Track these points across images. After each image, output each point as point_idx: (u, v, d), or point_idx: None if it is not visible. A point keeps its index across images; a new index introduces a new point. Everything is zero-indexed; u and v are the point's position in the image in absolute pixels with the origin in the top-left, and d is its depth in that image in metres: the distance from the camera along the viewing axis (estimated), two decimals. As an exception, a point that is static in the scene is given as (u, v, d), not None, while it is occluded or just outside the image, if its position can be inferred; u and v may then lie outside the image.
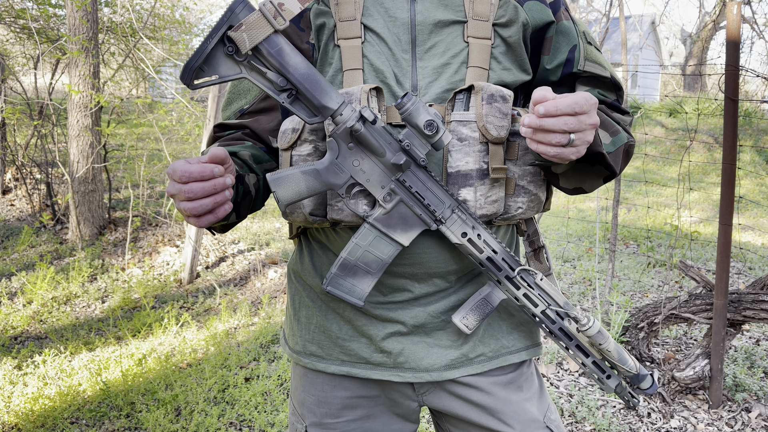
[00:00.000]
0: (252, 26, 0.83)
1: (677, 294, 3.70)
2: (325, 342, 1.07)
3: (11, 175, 6.49)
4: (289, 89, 0.88)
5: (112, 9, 6.00)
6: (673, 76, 19.23)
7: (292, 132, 0.98)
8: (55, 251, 4.95)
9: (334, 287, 0.94)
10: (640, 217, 6.56)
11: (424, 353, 1.02)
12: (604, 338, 0.96)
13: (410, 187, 0.92)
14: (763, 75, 2.96)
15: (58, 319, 3.72)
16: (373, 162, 0.91)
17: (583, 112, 0.83)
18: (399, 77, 0.98)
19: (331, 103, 0.87)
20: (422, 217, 0.93)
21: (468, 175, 0.94)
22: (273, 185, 0.90)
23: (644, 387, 1.02)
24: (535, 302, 0.97)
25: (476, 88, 0.93)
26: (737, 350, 3.15)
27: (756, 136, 10.34)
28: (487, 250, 0.94)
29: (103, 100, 4.82)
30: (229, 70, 0.86)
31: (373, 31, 0.98)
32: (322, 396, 1.09)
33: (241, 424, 2.57)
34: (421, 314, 1.02)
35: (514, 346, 1.07)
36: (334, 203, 0.96)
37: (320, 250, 1.06)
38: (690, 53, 17.60)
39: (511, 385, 1.07)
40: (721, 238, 2.54)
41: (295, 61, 0.86)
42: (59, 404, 2.65)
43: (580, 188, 1.04)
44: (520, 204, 0.99)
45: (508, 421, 1.05)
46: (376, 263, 0.94)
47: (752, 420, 2.52)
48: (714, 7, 13.97)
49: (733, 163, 2.50)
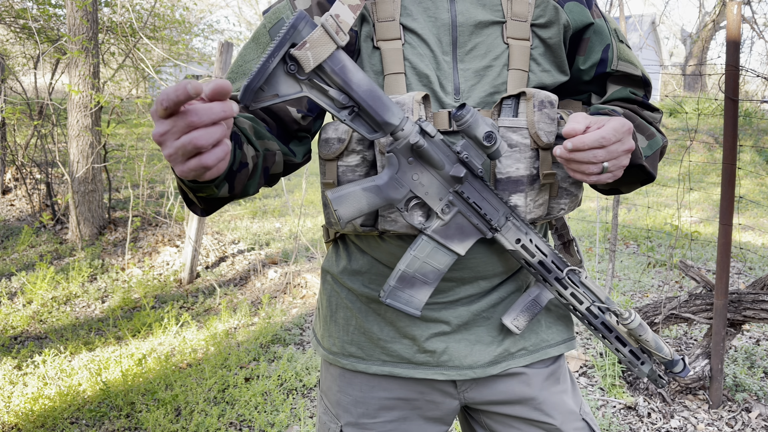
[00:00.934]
0: (316, 44, 0.79)
1: (677, 294, 3.70)
2: (366, 343, 1.07)
3: (11, 175, 6.49)
4: (351, 106, 0.85)
5: (112, 9, 5.99)
6: (674, 76, 19.24)
7: (338, 142, 0.95)
8: (55, 251, 4.95)
9: (393, 300, 0.94)
10: (640, 217, 6.56)
11: (467, 351, 1.04)
12: (644, 330, 1.00)
13: (468, 198, 0.91)
14: (763, 75, 2.96)
15: (58, 319, 3.72)
16: (431, 175, 0.90)
17: (612, 143, 0.85)
18: (442, 80, 0.96)
19: (394, 120, 0.85)
20: (479, 227, 0.94)
21: (519, 181, 0.94)
22: (335, 203, 0.88)
23: (677, 370, 1.07)
24: (581, 300, 1.00)
25: (528, 94, 0.93)
26: (737, 350, 3.15)
27: (756, 136, 10.34)
28: (539, 254, 0.96)
29: (103, 100, 4.82)
30: (290, 89, 0.81)
31: (413, 32, 0.96)
32: (359, 396, 1.09)
33: (241, 424, 2.57)
34: (465, 313, 1.03)
35: (553, 339, 1.10)
36: (387, 215, 0.95)
37: (359, 254, 1.07)
38: (690, 53, 17.61)
39: (551, 377, 1.09)
40: (721, 238, 2.54)
41: (357, 78, 0.83)
42: (59, 404, 2.65)
43: (616, 189, 1.05)
44: (563, 205, 1.00)
45: (550, 412, 1.07)
46: (433, 273, 0.94)
47: (752, 420, 2.52)
48: (714, 7, 13.97)
49: (733, 163, 2.50)
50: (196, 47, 9.75)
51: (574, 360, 3.07)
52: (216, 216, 6.18)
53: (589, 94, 1.09)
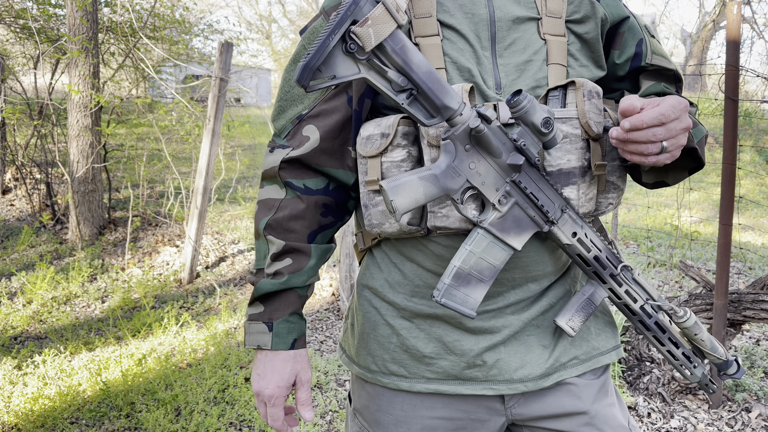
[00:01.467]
0: (378, 21, 0.76)
1: (677, 294, 3.70)
2: (408, 361, 1.02)
3: (11, 175, 6.49)
4: (410, 89, 0.82)
5: (112, 9, 5.99)
6: (673, 76, 19.18)
7: (382, 137, 0.92)
8: (55, 251, 4.95)
9: (448, 299, 0.88)
10: (640, 217, 6.56)
11: (518, 363, 0.99)
12: (700, 329, 0.96)
13: (525, 188, 0.88)
14: (763, 75, 2.96)
15: (58, 319, 3.71)
16: (489, 164, 0.86)
17: (671, 120, 0.82)
18: (483, 75, 0.94)
19: (453, 103, 0.82)
20: (535, 219, 0.90)
21: (571, 173, 0.91)
22: (391, 194, 0.83)
23: (731, 372, 1.03)
24: (635, 297, 0.96)
25: (577, 83, 0.90)
26: (737, 350, 3.15)
27: (756, 136, 10.34)
28: (594, 248, 0.93)
29: (102, 100, 4.82)
30: (348, 70, 0.79)
31: (451, 27, 0.95)
32: (401, 416, 1.04)
33: (241, 424, 2.57)
34: (516, 322, 0.98)
35: (604, 347, 1.05)
36: (437, 210, 0.91)
37: (400, 263, 1.01)
38: (690, 53, 17.61)
39: (601, 389, 1.05)
40: (721, 238, 2.54)
41: (418, 59, 0.80)
42: (59, 404, 2.65)
43: (662, 182, 1.02)
44: (611, 200, 0.97)
45: (602, 427, 1.02)
46: (489, 270, 0.89)
47: (752, 420, 2.52)
48: (714, 7, 13.97)
49: (733, 163, 2.50)
50: (196, 47, 9.74)
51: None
52: (216, 216, 6.18)
53: (622, 92, 1.08)
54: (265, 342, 1.00)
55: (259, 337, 1.01)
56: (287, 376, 1.01)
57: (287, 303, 1.02)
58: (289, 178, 1.02)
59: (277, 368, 1.01)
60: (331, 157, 1.01)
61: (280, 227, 1.01)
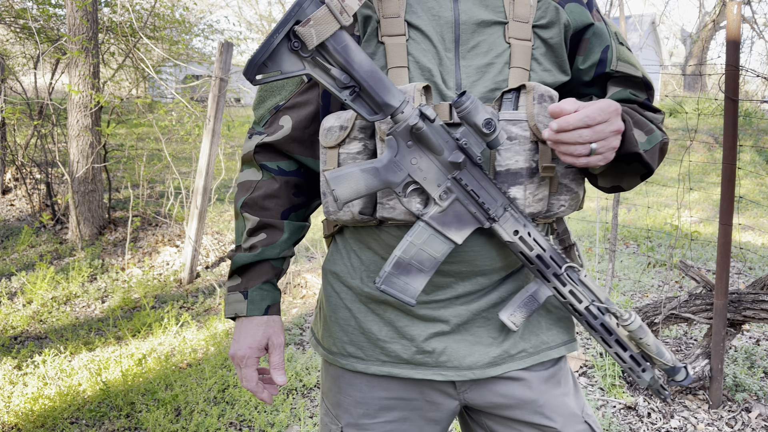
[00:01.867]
0: (320, 22, 0.83)
1: (677, 294, 3.70)
2: (365, 343, 1.07)
3: (11, 175, 6.49)
4: (352, 86, 0.88)
5: (112, 9, 5.99)
6: (673, 76, 19.23)
7: (340, 130, 0.98)
8: (55, 251, 4.95)
9: (388, 286, 0.94)
10: (640, 217, 6.56)
11: (466, 351, 1.03)
12: (645, 333, 0.98)
13: (466, 185, 0.92)
14: (763, 75, 2.96)
15: (58, 319, 3.72)
16: (430, 160, 0.91)
17: (598, 122, 0.85)
18: (444, 75, 0.98)
19: (394, 101, 0.88)
20: (476, 215, 0.94)
21: (518, 174, 0.94)
22: (332, 183, 0.89)
23: (679, 379, 1.04)
24: (580, 298, 0.99)
25: (527, 87, 0.94)
26: (737, 350, 3.15)
27: (756, 136, 10.34)
28: (537, 247, 0.96)
29: (103, 100, 4.82)
30: (293, 66, 0.86)
31: (417, 28, 0.98)
32: (360, 397, 1.09)
33: (241, 424, 2.57)
34: (464, 312, 1.02)
35: (554, 341, 1.09)
36: (385, 202, 0.96)
37: (359, 250, 1.06)
38: (690, 53, 17.60)
39: (551, 380, 1.08)
40: (721, 238, 2.54)
41: (360, 58, 0.86)
42: (59, 404, 2.65)
43: (618, 186, 1.05)
44: (563, 202, 1.00)
45: (550, 415, 1.06)
46: (430, 261, 0.94)
47: (752, 420, 2.52)
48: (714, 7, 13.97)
49: (733, 163, 2.50)
50: (196, 47, 9.74)
51: (573, 360, 3.07)
52: (216, 216, 6.18)
53: (590, 97, 1.09)
54: (241, 310, 1.08)
55: (236, 306, 1.09)
56: (259, 338, 1.08)
57: (261, 273, 1.10)
58: (263, 161, 1.11)
59: (251, 332, 1.08)
60: (301, 145, 1.10)
61: (256, 205, 1.10)
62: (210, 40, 15.10)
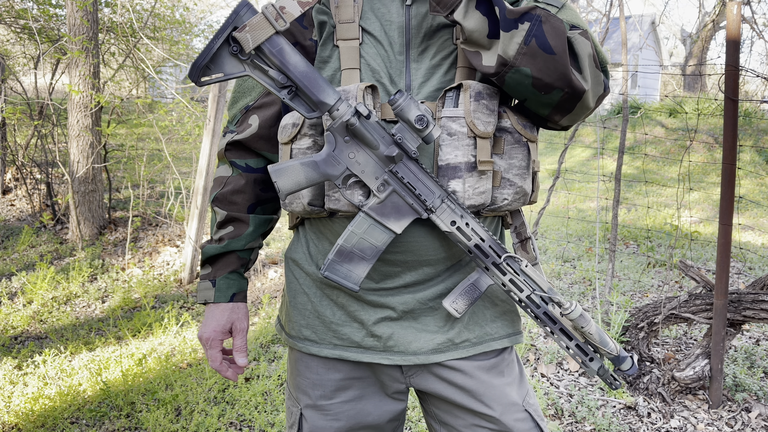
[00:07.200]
0: (255, 27, 0.91)
1: (677, 294, 3.70)
2: (319, 327, 1.13)
3: (11, 175, 6.50)
4: (290, 86, 0.95)
5: (112, 9, 6.00)
6: (673, 76, 19.23)
7: (292, 127, 1.04)
8: (55, 251, 4.95)
9: (331, 272, 1.00)
10: (640, 217, 6.56)
11: (412, 337, 1.08)
12: (586, 321, 1.02)
13: (402, 178, 0.97)
14: (763, 75, 2.96)
15: (58, 319, 3.72)
16: (367, 154, 0.97)
17: None
18: (394, 77, 1.04)
19: (328, 99, 0.94)
20: (414, 206, 0.99)
21: (457, 168, 0.99)
22: (274, 176, 0.96)
23: (625, 368, 1.07)
24: (521, 287, 1.02)
25: (464, 86, 0.99)
26: (737, 350, 3.15)
27: (756, 136, 10.34)
28: (475, 237, 1.00)
29: (103, 100, 4.82)
30: (234, 68, 0.94)
31: (370, 33, 1.04)
32: (316, 378, 1.14)
33: (241, 424, 2.57)
34: (411, 300, 1.07)
35: (497, 333, 1.13)
36: (331, 194, 1.02)
37: (317, 240, 1.12)
38: (690, 53, 17.59)
39: (493, 369, 1.13)
40: (721, 238, 2.54)
41: (294, 60, 0.94)
42: (59, 404, 2.65)
43: (546, 117, 1.02)
44: (506, 195, 1.03)
45: (489, 403, 1.11)
46: (371, 250, 0.99)
47: (752, 420, 2.52)
48: (714, 7, 13.98)
49: (733, 163, 2.50)
50: (196, 47, 9.75)
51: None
52: (216, 216, 6.18)
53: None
54: (209, 296, 1.18)
55: (205, 293, 1.19)
56: (224, 322, 1.17)
57: (228, 263, 1.20)
58: (233, 158, 1.19)
59: (216, 316, 1.18)
60: (268, 143, 1.17)
61: (225, 200, 1.19)
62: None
